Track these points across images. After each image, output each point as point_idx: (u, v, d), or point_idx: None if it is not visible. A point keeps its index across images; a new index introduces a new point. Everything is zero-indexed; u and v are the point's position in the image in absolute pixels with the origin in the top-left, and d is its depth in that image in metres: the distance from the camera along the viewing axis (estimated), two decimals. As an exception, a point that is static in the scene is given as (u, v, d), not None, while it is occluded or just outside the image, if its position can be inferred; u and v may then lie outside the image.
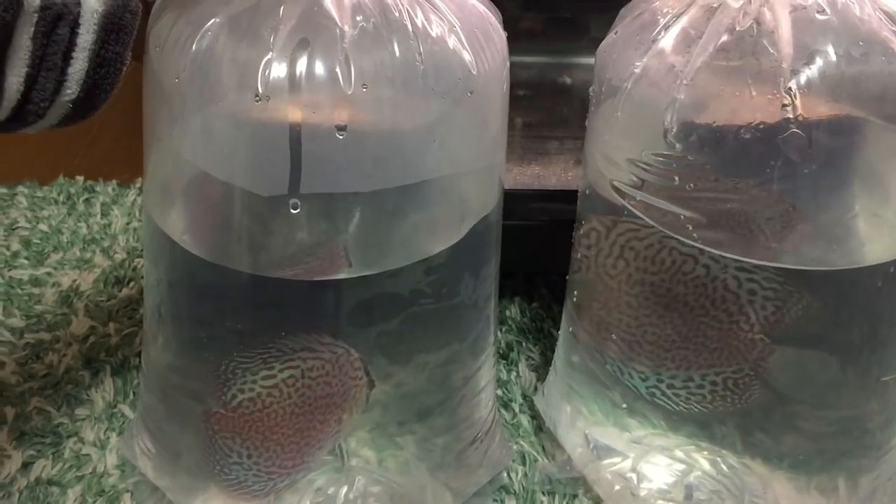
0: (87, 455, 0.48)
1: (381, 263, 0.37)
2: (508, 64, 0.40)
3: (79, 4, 0.28)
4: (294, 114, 0.34)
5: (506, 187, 0.58)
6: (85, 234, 0.65)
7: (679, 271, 0.39)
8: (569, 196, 0.56)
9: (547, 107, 0.64)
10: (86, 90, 0.29)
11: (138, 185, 0.71)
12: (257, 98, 0.33)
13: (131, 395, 0.51)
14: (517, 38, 0.71)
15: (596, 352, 0.44)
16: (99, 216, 0.67)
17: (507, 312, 0.60)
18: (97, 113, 0.30)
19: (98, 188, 0.70)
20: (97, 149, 0.76)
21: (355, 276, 0.37)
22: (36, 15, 0.27)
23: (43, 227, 0.65)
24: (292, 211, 0.35)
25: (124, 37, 0.29)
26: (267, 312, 0.38)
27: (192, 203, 0.38)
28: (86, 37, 0.28)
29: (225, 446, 0.38)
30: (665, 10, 0.39)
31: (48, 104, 0.28)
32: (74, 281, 0.60)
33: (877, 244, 0.39)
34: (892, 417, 0.43)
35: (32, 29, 0.27)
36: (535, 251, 0.55)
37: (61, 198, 0.68)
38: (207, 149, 0.36)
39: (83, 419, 0.50)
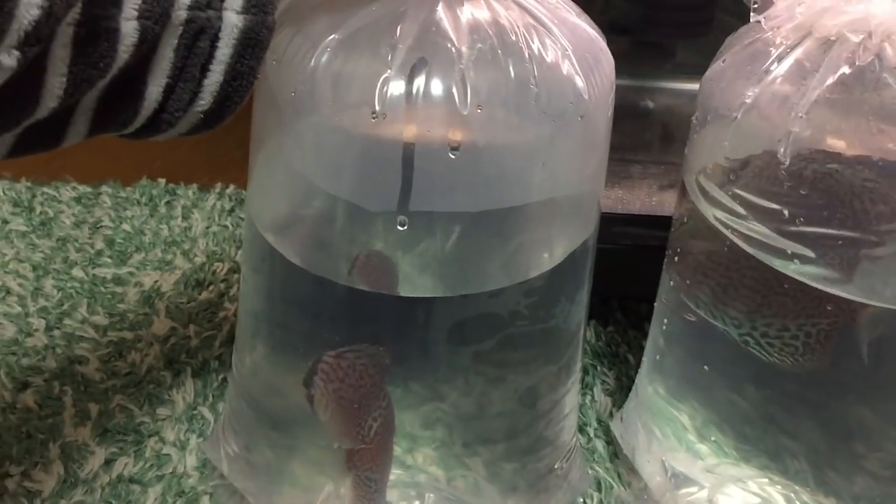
0: (168, 455, 0.49)
1: (482, 284, 0.37)
2: (614, 88, 0.40)
3: (220, 19, 0.28)
4: (409, 131, 0.34)
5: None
6: (166, 236, 0.66)
7: None
8: (652, 221, 0.56)
9: (629, 130, 0.64)
10: (218, 102, 0.30)
11: (218, 189, 0.72)
12: (374, 115, 0.34)
13: (211, 398, 0.52)
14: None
15: (688, 298, 0.42)
16: (180, 219, 0.68)
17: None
18: (223, 123, 0.31)
19: (179, 191, 0.71)
20: (179, 152, 0.77)
21: (459, 294, 0.37)
22: (181, 28, 0.27)
23: (126, 227, 0.67)
24: (399, 228, 0.35)
25: (259, 52, 0.30)
26: (365, 328, 0.38)
27: (296, 213, 0.39)
28: (224, 50, 0.29)
29: (367, 479, 0.38)
30: (778, 42, 0.38)
31: (181, 114, 0.29)
32: (156, 282, 0.61)
33: None
34: None
35: (176, 41, 0.28)
36: (616, 275, 0.55)
37: (143, 199, 0.70)
38: (318, 162, 0.36)
39: (164, 419, 0.51)
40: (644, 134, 0.64)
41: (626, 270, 0.54)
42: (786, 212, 0.37)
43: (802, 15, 0.37)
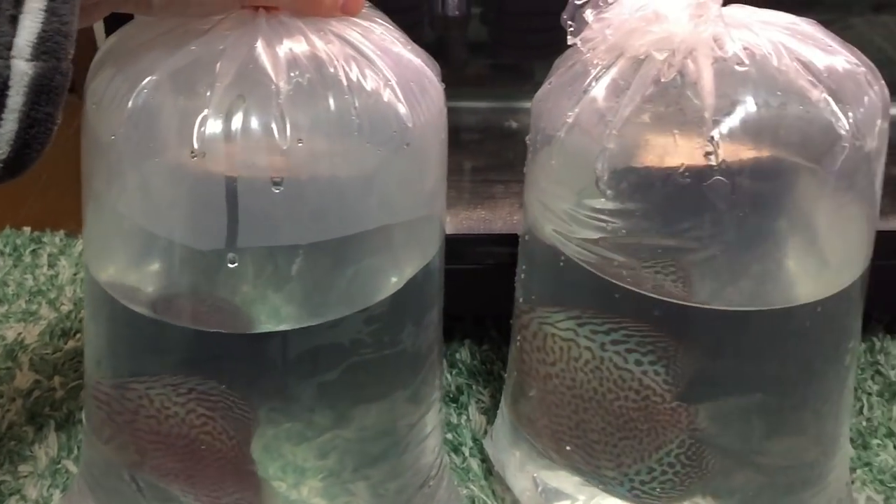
0: (30, 513, 0.47)
1: (321, 314, 0.37)
2: (445, 115, 0.41)
3: (8, 67, 0.28)
4: (230, 169, 0.34)
5: (453, 232, 0.59)
6: (31, 286, 0.64)
7: (571, 358, 0.41)
8: (514, 240, 0.57)
9: (493, 151, 0.65)
10: (16, 150, 0.29)
11: (86, 234, 0.70)
12: (193, 154, 0.34)
13: (75, 451, 0.51)
14: (463, 83, 0.73)
15: (578, 471, 0.44)
16: (46, 267, 0.66)
17: (457, 356, 0.60)
18: (28, 171, 0.30)
19: (45, 238, 0.69)
20: (46, 199, 0.75)
21: (296, 327, 0.37)
22: None
23: (-12, 279, 0.64)
24: (230, 265, 0.35)
25: (55, 98, 0.29)
26: (208, 367, 0.38)
27: (129, 257, 0.38)
28: (15, 99, 0.28)
29: None
30: (596, 62, 0.40)
31: (-23, 165, 0.29)
32: (19, 334, 0.59)
33: (807, 284, 0.40)
34: (828, 449, 0.44)
35: None
36: (482, 295, 0.56)
37: (7, 249, 0.68)
38: (145, 204, 0.36)
39: (26, 476, 0.49)
40: (507, 154, 0.65)
41: (493, 289, 0.55)
42: (608, 224, 0.39)
43: (613, 36, 0.39)
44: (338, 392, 0.39)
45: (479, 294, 0.56)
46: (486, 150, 0.66)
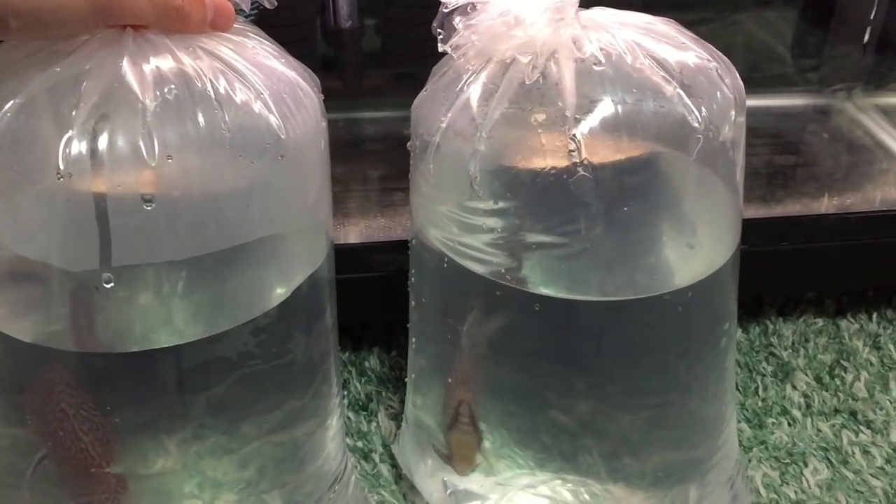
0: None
1: (205, 329, 0.37)
2: (325, 126, 0.41)
3: None
4: (99, 189, 0.34)
5: (356, 241, 0.60)
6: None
7: None
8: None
9: (393, 159, 0.66)
10: None
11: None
12: (59, 176, 0.34)
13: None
14: (362, 95, 0.73)
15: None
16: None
17: (367, 363, 0.61)
18: None
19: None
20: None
21: (180, 343, 0.37)
22: None
23: None
24: (105, 285, 0.35)
25: None
26: (93, 390, 0.37)
27: (6, 285, 0.38)
28: None
29: None
30: (467, 68, 0.41)
31: None
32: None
33: (677, 271, 0.42)
34: (713, 430, 0.45)
35: None
36: (386, 302, 0.56)
37: None
38: (15, 229, 0.36)
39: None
40: (407, 161, 0.66)
41: (397, 296, 0.55)
42: (485, 224, 0.40)
43: (480, 42, 0.40)
44: (229, 405, 0.39)
45: (385, 301, 0.56)
46: (387, 159, 0.67)
